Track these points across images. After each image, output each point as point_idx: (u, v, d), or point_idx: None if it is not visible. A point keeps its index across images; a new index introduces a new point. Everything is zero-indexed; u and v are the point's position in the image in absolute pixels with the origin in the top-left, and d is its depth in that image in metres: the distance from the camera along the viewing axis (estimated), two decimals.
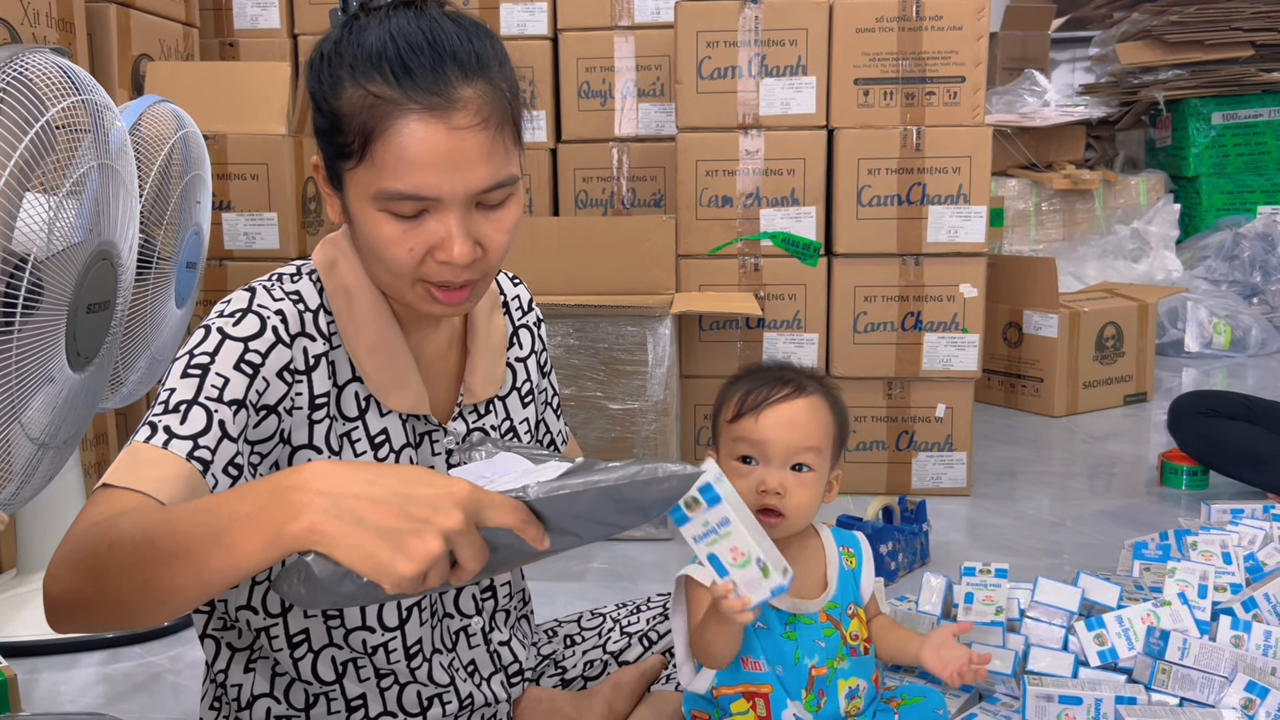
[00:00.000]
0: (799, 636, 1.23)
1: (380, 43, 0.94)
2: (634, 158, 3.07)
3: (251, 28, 3.21)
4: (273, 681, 1.10)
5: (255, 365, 0.97)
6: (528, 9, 3.09)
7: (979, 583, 1.67)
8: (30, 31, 2.12)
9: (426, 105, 0.92)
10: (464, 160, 0.94)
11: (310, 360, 1.02)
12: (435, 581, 0.76)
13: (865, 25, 2.50)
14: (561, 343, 2.31)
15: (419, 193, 0.94)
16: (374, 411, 1.06)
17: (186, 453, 0.91)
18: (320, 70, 0.98)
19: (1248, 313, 4.39)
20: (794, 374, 1.28)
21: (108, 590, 0.80)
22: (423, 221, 0.96)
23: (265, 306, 1.00)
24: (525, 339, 1.24)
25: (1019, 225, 4.68)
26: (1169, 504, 2.54)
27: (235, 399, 0.95)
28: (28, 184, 1.32)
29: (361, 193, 0.96)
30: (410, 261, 0.97)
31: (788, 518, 1.23)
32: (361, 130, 0.94)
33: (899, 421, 2.60)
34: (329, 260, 1.06)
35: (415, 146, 0.92)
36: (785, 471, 1.23)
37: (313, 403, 1.02)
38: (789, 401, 1.24)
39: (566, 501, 0.81)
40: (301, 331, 1.01)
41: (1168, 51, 4.80)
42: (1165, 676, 1.47)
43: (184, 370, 0.96)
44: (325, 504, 0.73)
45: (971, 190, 2.51)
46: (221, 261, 2.57)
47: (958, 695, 1.53)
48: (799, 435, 1.23)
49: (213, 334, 0.98)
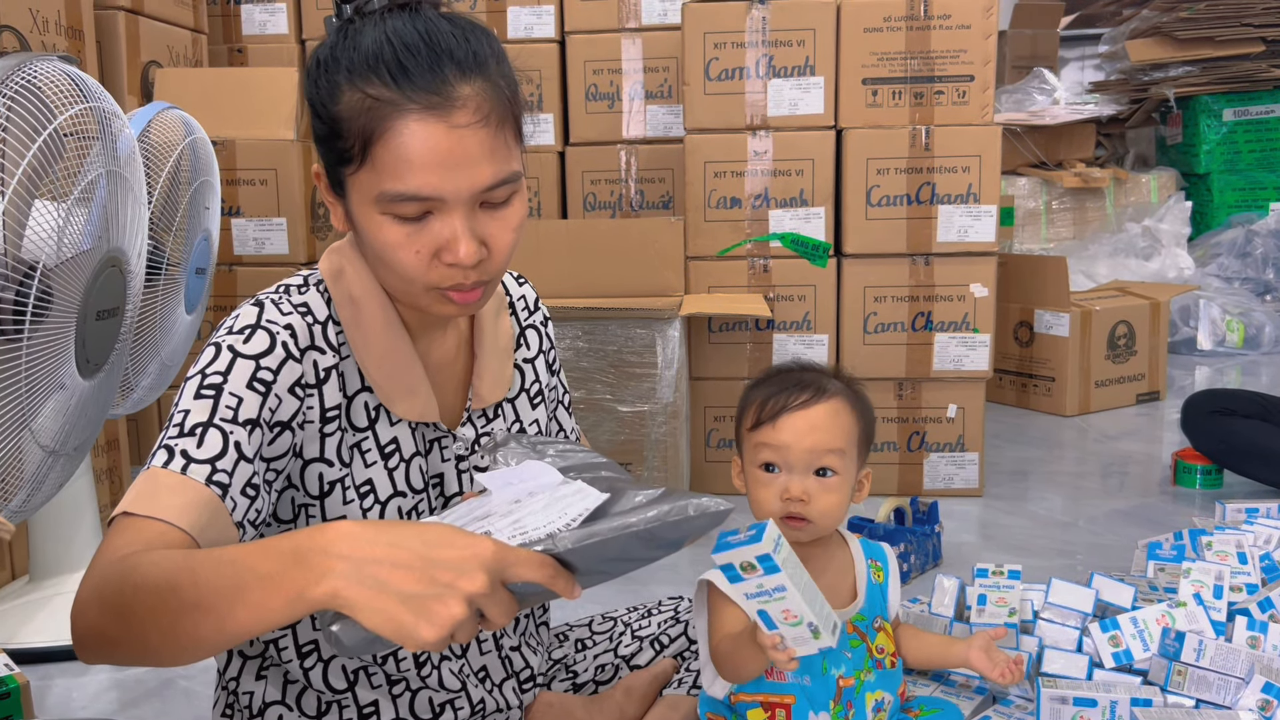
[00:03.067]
0: None
1: (376, 45, 0.93)
2: (642, 160, 3.07)
3: (260, 33, 3.22)
4: (284, 689, 1.10)
5: (268, 383, 0.97)
6: (535, 12, 3.09)
7: (992, 584, 1.66)
8: (39, 39, 2.13)
9: (425, 105, 0.92)
10: (465, 159, 0.93)
11: (320, 373, 1.01)
12: (463, 639, 0.76)
13: (873, 25, 2.49)
14: (570, 345, 2.31)
15: (421, 193, 0.93)
16: (384, 420, 1.05)
17: (205, 477, 0.91)
18: (317, 77, 0.97)
19: (1260, 310, 4.36)
20: (814, 376, 1.26)
21: (134, 630, 0.81)
22: (427, 223, 0.95)
23: (274, 322, 0.99)
24: (533, 339, 1.24)
25: (1029, 224, 4.67)
26: (1183, 503, 2.52)
27: (250, 418, 0.95)
28: (37, 191, 1.32)
29: (364, 197, 0.96)
30: (418, 265, 0.96)
31: (814, 523, 1.21)
32: (361, 133, 0.93)
33: (910, 422, 2.59)
34: (335, 269, 1.05)
35: (416, 147, 0.92)
36: (809, 477, 1.21)
37: (324, 416, 1.01)
38: (808, 407, 1.22)
39: (597, 549, 0.80)
40: (311, 345, 1.01)
41: (1178, 48, 4.78)
42: (1181, 678, 1.46)
43: (197, 391, 0.95)
44: (348, 569, 0.74)
45: (981, 189, 2.50)
46: (231, 267, 2.57)
47: (971, 698, 1.52)
48: (820, 440, 1.21)
49: (224, 352, 0.97)
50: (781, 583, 1.00)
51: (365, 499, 1.04)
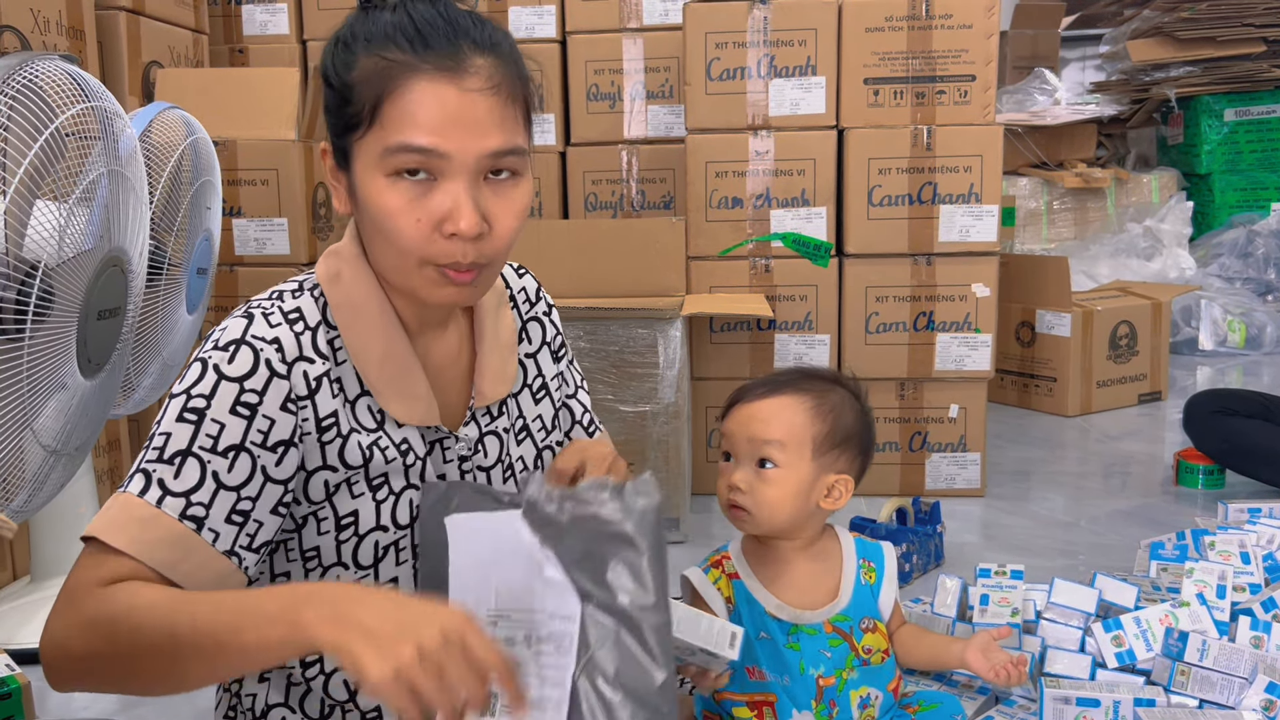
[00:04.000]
0: (802, 647, 1.23)
1: (397, 18, 0.96)
2: (643, 160, 3.07)
3: (261, 34, 3.22)
4: (288, 692, 1.09)
5: (253, 405, 0.96)
6: (536, 12, 3.09)
7: (994, 584, 1.66)
8: (40, 39, 2.13)
9: (438, 66, 0.94)
10: (474, 122, 0.94)
11: (311, 383, 1.00)
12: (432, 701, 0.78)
13: (875, 24, 2.49)
14: (572, 345, 2.30)
15: (424, 144, 0.93)
16: (390, 422, 1.05)
17: (179, 512, 0.92)
18: (334, 52, 0.99)
19: (1262, 310, 4.36)
20: (790, 376, 1.29)
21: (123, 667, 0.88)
22: (430, 193, 0.95)
23: (260, 337, 0.98)
24: (535, 332, 1.22)
25: (1031, 224, 4.67)
26: (1185, 503, 2.52)
27: (232, 444, 0.95)
28: (38, 191, 1.32)
29: (370, 160, 0.96)
30: (418, 235, 0.95)
31: (753, 514, 1.24)
32: (372, 94, 0.95)
33: (912, 422, 2.59)
34: (332, 273, 1.05)
35: (426, 101, 0.93)
36: (751, 468, 1.25)
37: (319, 424, 1.00)
38: (758, 400, 1.27)
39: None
40: (299, 356, 0.99)
41: (1179, 48, 4.78)
42: (1184, 678, 1.46)
43: (179, 414, 0.95)
44: (326, 612, 0.81)
45: (983, 189, 2.50)
46: (232, 267, 2.57)
47: (974, 698, 1.52)
48: (758, 430, 1.25)
49: (209, 373, 0.96)
50: None
51: (378, 490, 1.04)
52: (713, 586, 1.26)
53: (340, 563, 1.02)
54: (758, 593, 1.25)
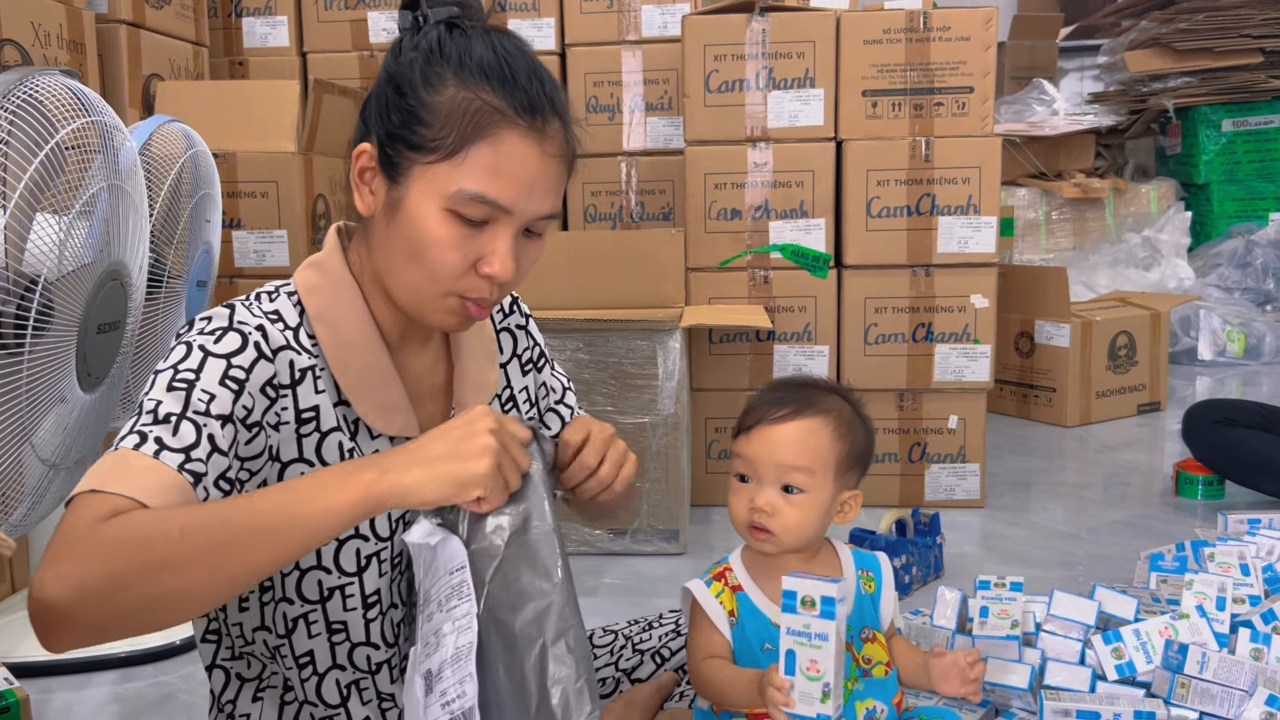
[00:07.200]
0: None
1: (491, 55, 0.98)
2: (642, 171, 3.08)
3: (261, 46, 3.23)
4: (281, 710, 1.09)
5: (240, 381, 0.96)
6: (535, 24, 3.10)
7: (994, 596, 1.66)
8: (41, 53, 2.13)
9: (530, 125, 0.98)
10: (543, 184, 0.99)
11: (296, 374, 1.00)
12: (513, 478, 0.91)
13: (873, 37, 2.50)
14: (571, 357, 2.31)
15: (500, 201, 0.97)
16: (364, 434, 1.05)
17: (178, 465, 0.89)
18: (417, 62, 0.99)
19: (1261, 320, 4.37)
20: (806, 393, 1.27)
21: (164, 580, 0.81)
22: (481, 232, 0.98)
23: (245, 323, 0.99)
24: (506, 343, 1.23)
25: (1029, 235, 4.67)
26: (1185, 514, 2.52)
27: (223, 414, 0.93)
28: (38, 205, 1.32)
29: (434, 189, 0.97)
30: (456, 269, 0.98)
31: (778, 536, 1.23)
32: (460, 130, 0.96)
33: (911, 433, 2.59)
34: (311, 285, 1.04)
35: (515, 158, 0.97)
36: (776, 491, 1.23)
37: (299, 416, 1.00)
38: (782, 424, 1.24)
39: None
40: (285, 345, 1.00)
41: (1177, 59, 4.79)
42: (1184, 690, 1.46)
43: (169, 385, 0.93)
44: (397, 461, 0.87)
45: (981, 200, 2.51)
46: (232, 279, 2.57)
47: (974, 710, 1.51)
48: (787, 457, 1.23)
49: (194, 351, 0.96)
50: (827, 631, 1.06)
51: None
52: (715, 600, 1.26)
53: (321, 565, 1.03)
54: (762, 605, 1.25)
